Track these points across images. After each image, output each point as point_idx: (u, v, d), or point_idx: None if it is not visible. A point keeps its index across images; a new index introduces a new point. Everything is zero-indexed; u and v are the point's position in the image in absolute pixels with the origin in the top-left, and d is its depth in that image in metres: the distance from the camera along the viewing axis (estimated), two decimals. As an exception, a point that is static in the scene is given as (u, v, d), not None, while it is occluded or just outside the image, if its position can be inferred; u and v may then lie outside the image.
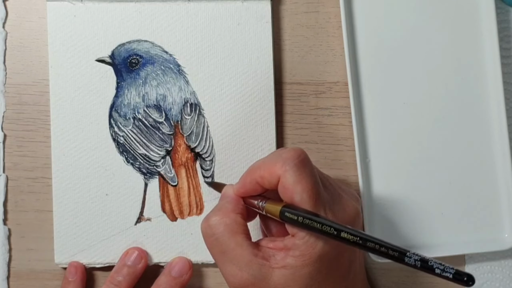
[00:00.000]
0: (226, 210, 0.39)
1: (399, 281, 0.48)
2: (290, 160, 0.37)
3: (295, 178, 0.37)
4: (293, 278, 0.37)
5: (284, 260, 0.37)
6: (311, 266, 0.37)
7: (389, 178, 0.47)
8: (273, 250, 0.38)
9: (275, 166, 0.37)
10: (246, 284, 0.37)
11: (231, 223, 0.38)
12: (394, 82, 0.47)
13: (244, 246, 0.37)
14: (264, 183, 0.38)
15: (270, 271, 0.37)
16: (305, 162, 0.38)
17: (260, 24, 0.47)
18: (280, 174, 0.37)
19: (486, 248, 0.47)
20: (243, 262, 0.37)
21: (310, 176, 0.37)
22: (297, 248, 0.37)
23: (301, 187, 0.37)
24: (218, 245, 0.38)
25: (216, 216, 0.39)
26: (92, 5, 0.46)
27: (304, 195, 0.36)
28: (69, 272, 0.45)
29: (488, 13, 0.47)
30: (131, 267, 0.45)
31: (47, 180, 0.47)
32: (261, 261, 0.37)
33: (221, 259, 0.38)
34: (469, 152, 0.48)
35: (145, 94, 0.46)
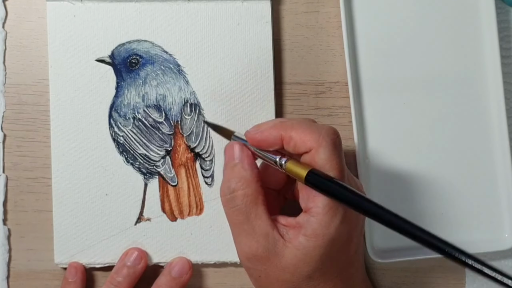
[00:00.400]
0: (247, 179, 0.38)
1: (399, 281, 0.48)
2: (328, 137, 0.36)
3: (328, 155, 0.36)
4: (304, 259, 0.36)
5: (296, 238, 0.36)
6: (323, 248, 0.36)
7: (389, 178, 0.47)
8: (286, 227, 0.38)
9: (311, 135, 0.36)
10: (261, 257, 0.37)
11: (253, 193, 0.37)
12: (394, 82, 0.47)
13: (263, 218, 0.37)
14: (289, 145, 0.37)
15: (283, 248, 0.37)
16: (339, 143, 0.37)
17: (260, 24, 0.47)
18: (315, 146, 0.36)
19: (486, 248, 0.47)
20: (261, 234, 0.37)
21: (341, 158, 0.37)
22: (309, 225, 0.36)
23: (331, 165, 0.36)
24: (239, 215, 0.38)
25: (237, 186, 0.38)
26: (92, 5, 0.46)
27: (331, 174, 0.36)
28: (69, 272, 0.45)
29: (488, 13, 0.47)
30: (131, 267, 0.45)
31: (47, 180, 0.47)
32: (277, 235, 0.37)
33: (239, 230, 0.38)
34: (469, 152, 0.48)
35: (145, 94, 0.46)
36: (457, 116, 0.48)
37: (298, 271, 0.37)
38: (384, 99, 0.47)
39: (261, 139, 0.38)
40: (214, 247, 0.46)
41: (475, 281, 0.48)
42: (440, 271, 0.48)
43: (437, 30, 0.48)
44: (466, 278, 0.48)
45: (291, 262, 0.37)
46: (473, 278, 0.49)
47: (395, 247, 0.47)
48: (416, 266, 0.48)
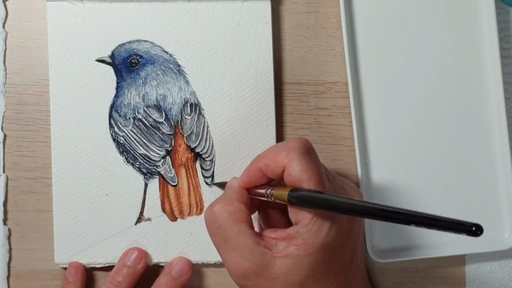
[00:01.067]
0: (230, 198, 0.39)
1: (399, 281, 0.48)
2: (296, 149, 0.37)
3: (301, 166, 0.37)
4: (295, 267, 0.37)
5: (287, 249, 0.37)
6: (313, 255, 0.37)
7: (389, 178, 0.47)
8: (276, 240, 0.38)
9: (280, 154, 0.37)
10: (248, 272, 0.37)
11: (235, 211, 0.38)
12: (394, 82, 0.47)
13: (247, 234, 0.37)
14: (268, 172, 0.38)
15: (272, 260, 0.37)
16: (310, 151, 0.38)
17: (260, 24, 0.47)
18: (286, 163, 0.37)
19: (486, 248, 0.47)
20: (246, 250, 0.37)
21: (316, 165, 0.37)
22: (299, 236, 0.37)
23: (307, 175, 0.36)
24: (221, 233, 0.38)
25: (220, 204, 0.39)
26: (92, 5, 0.46)
27: (311, 183, 0.36)
28: (69, 272, 0.45)
29: (488, 13, 0.47)
30: (131, 267, 0.45)
31: (47, 180, 0.47)
32: (263, 249, 0.37)
33: (224, 247, 0.38)
34: (469, 152, 0.48)
35: (145, 94, 0.46)
36: (457, 116, 0.48)
37: (290, 280, 0.37)
38: (384, 99, 0.47)
39: (249, 181, 0.40)
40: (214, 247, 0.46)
41: (475, 281, 0.49)
42: (440, 271, 0.49)
43: (437, 30, 0.48)
44: (466, 278, 0.49)
45: (282, 272, 0.37)
46: (473, 278, 0.49)
47: (395, 247, 0.47)
48: (416, 266, 0.48)
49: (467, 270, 0.49)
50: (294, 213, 0.38)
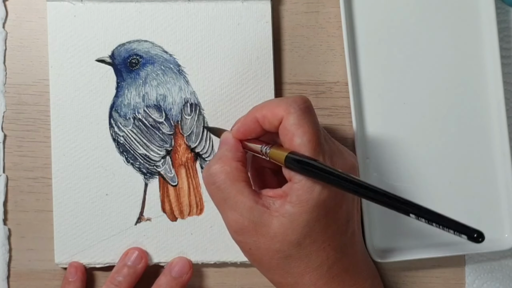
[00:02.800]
0: (226, 158, 0.39)
1: (399, 281, 0.48)
2: (295, 104, 0.38)
3: (297, 121, 0.37)
4: (291, 226, 0.37)
5: (283, 207, 0.37)
6: (308, 213, 0.37)
7: (389, 178, 0.47)
8: (273, 198, 0.38)
9: (279, 107, 0.38)
10: (248, 230, 0.38)
11: (232, 171, 0.38)
12: (394, 82, 0.47)
13: (245, 193, 0.38)
14: (264, 123, 0.39)
15: (270, 219, 0.37)
16: (310, 109, 0.38)
17: (260, 24, 0.47)
18: (284, 115, 0.37)
19: (486, 248, 0.47)
20: (245, 208, 0.37)
21: (312, 122, 0.38)
22: (293, 192, 0.37)
23: (302, 130, 0.37)
24: (220, 193, 0.38)
25: (217, 165, 0.39)
26: (92, 5, 0.46)
27: (304, 138, 0.37)
28: (69, 272, 0.45)
29: (488, 13, 0.47)
30: (131, 267, 0.45)
31: (47, 180, 0.47)
32: (262, 208, 0.37)
33: (223, 206, 0.39)
34: (469, 152, 0.48)
35: (145, 94, 0.46)
36: (457, 116, 0.48)
37: (287, 239, 0.37)
38: (384, 99, 0.47)
39: (243, 130, 0.40)
40: (214, 247, 0.46)
41: (475, 281, 0.49)
42: (440, 271, 0.48)
43: (437, 30, 0.48)
44: (466, 278, 0.49)
45: (279, 231, 0.37)
46: (473, 278, 0.49)
47: (395, 247, 0.47)
48: (416, 266, 0.48)
49: (467, 270, 0.49)
50: (288, 170, 0.38)
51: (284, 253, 0.38)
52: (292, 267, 0.38)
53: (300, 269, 0.39)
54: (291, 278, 0.39)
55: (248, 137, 0.40)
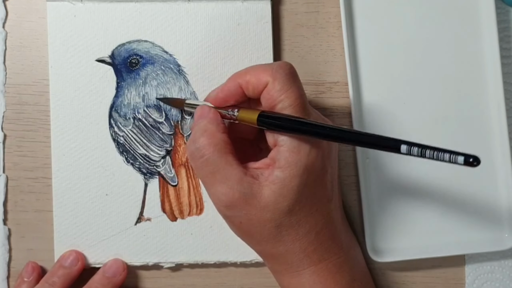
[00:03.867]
0: (212, 130, 0.38)
1: (399, 281, 0.48)
2: (281, 69, 0.38)
3: (282, 86, 0.37)
4: (281, 192, 0.37)
5: (272, 174, 0.37)
6: (298, 177, 0.37)
7: (389, 178, 0.47)
8: (260, 169, 0.38)
9: (264, 72, 0.38)
10: (238, 202, 0.37)
11: (219, 143, 0.38)
12: (394, 82, 0.47)
13: (234, 165, 0.37)
14: (248, 89, 0.38)
15: (260, 189, 0.37)
16: (295, 75, 0.38)
17: (260, 24, 0.47)
18: (270, 80, 0.37)
19: (486, 248, 0.47)
20: (234, 180, 0.37)
21: (297, 87, 0.38)
22: (282, 155, 0.37)
23: (286, 95, 0.37)
24: (208, 166, 0.38)
25: (203, 137, 0.38)
26: (92, 5, 0.46)
27: (286, 103, 0.37)
28: (26, 271, 0.46)
29: (488, 13, 0.47)
30: (67, 268, 0.45)
31: (47, 180, 0.47)
32: (250, 179, 0.37)
33: (211, 180, 0.38)
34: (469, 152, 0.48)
35: (145, 94, 0.46)
36: (457, 116, 0.48)
37: (279, 207, 0.37)
38: (384, 99, 0.47)
39: (223, 96, 0.40)
40: (214, 247, 0.46)
41: (475, 281, 0.49)
42: (440, 271, 0.48)
43: (437, 30, 0.48)
44: (466, 278, 0.49)
45: (270, 199, 0.37)
46: (473, 278, 0.49)
47: (395, 247, 0.47)
48: (416, 266, 0.48)
49: (467, 270, 0.49)
50: (272, 136, 0.38)
51: (276, 222, 0.38)
52: (283, 235, 0.38)
53: (291, 237, 0.39)
54: (282, 246, 0.39)
55: (227, 104, 0.40)
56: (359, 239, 0.47)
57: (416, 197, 0.47)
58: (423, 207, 0.47)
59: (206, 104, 0.41)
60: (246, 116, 0.38)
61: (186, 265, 0.47)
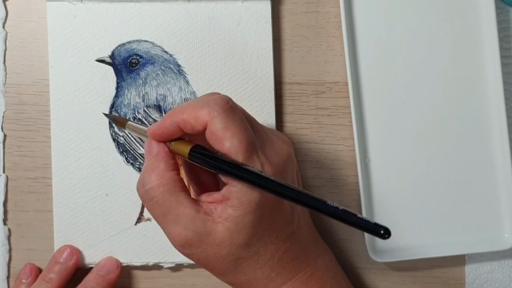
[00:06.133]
0: (160, 170, 0.37)
1: (399, 281, 0.48)
2: (218, 106, 0.36)
3: (224, 124, 0.36)
4: (237, 229, 0.36)
5: (225, 211, 0.36)
6: (252, 214, 0.36)
7: (389, 178, 0.47)
8: (213, 204, 0.37)
9: (201, 111, 0.36)
10: (193, 241, 0.37)
11: (169, 183, 0.37)
12: (394, 82, 0.47)
13: (185, 204, 0.36)
14: (186, 127, 0.37)
15: (214, 226, 0.36)
16: (233, 108, 0.37)
17: (260, 24, 0.47)
18: (208, 120, 0.36)
19: (486, 248, 0.47)
20: (187, 220, 0.36)
21: (239, 122, 0.36)
22: (234, 196, 0.36)
23: (230, 133, 0.35)
24: (159, 208, 0.37)
25: (151, 178, 0.37)
26: (92, 5, 0.46)
27: (234, 141, 0.35)
28: (24, 273, 0.46)
29: (488, 13, 0.47)
30: (63, 264, 0.45)
31: (47, 180, 0.47)
32: (204, 216, 0.36)
33: (164, 221, 0.37)
34: (469, 152, 0.48)
35: (145, 94, 0.46)
36: (457, 116, 0.48)
37: (234, 242, 0.37)
38: (384, 99, 0.47)
39: (160, 132, 0.38)
40: None
41: (475, 281, 0.49)
42: (440, 271, 0.48)
43: (437, 30, 0.48)
44: (466, 278, 0.49)
45: (225, 236, 0.36)
46: (473, 278, 0.49)
47: (395, 247, 0.47)
48: (416, 266, 0.48)
49: (467, 270, 0.49)
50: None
51: (234, 256, 0.37)
52: (244, 267, 0.38)
53: (251, 267, 0.38)
54: (244, 276, 0.39)
55: (166, 140, 0.38)
56: (359, 239, 0.47)
57: (416, 197, 0.47)
58: (423, 207, 0.47)
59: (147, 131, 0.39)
60: (179, 149, 0.37)
61: (186, 265, 0.47)
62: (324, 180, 0.48)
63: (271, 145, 0.38)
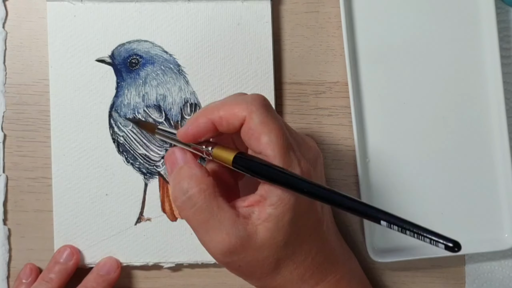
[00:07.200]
0: (197, 176, 0.36)
1: (399, 281, 0.48)
2: (256, 102, 0.36)
3: (262, 119, 0.36)
4: (277, 228, 0.36)
5: (264, 212, 0.36)
6: (291, 211, 0.36)
7: (389, 178, 0.47)
8: (250, 207, 0.37)
9: (239, 107, 0.36)
10: (235, 247, 0.36)
11: (208, 188, 0.36)
12: (394, 82, 0.47)
13: (226, 209, 0.36)
14: (222, 125, 0.37)
15: (254, 229, 0.36)
16: (270, 105, 0.37)
17: (260, 24, 0.47)
18: (246, 115, 0.36)
19: (486, 248, 0.47)
20: (229, 225, 0.36)
21: (276, 119, 0.37)
22: (273, 193, 0.36)
23: (268, 128, 0.36)
24: (201, 214, 0.36)
25: (191, 185, 0.36)
26: (92, 5, 0.46)
27: (272, 136, 0.35)
28: (24, 273, 0.46)
29: (488, 13, 0.47)
30: (62, 264, 0.45)
31: (47, 180, 0.47)
32: (243, 220, 0.36)
33: (206, 228, 0.36)
34: (469, 152, 0.48)
35: (145, 94, 0.46)
36: (457, 116, 0.48)
37: (275, 242, 0.36)
38: (384, 99, 0.47)
39: (193, 132, 0.37)
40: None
41: (475, 281, 0.49)
42: (440, 271, 0.48)
43: (437, 30, 0.48)
44: (466, 278, 0.49)
45: (266, 237, 0.36)
46: (473, 278, 0.49)
47: (395, 247, 0.47)
48: (416, 266, 0.48)
49: (467, 270, 0.49)
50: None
51: (274, 257, 0.37)
52: (281, 268, 0.38)
53: (288, 267, 0.38)
54: (281, 278, 0.39)
55: (198, 141, 0.38)
56: (359, 239, 0.47)
57: (416, 197, 0.47)
58: (423, 207, 0.47)
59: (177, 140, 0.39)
60: (221, 155, 0.37)
61: (186, 265, 0.47)
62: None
63: (303, 143, 0.39)
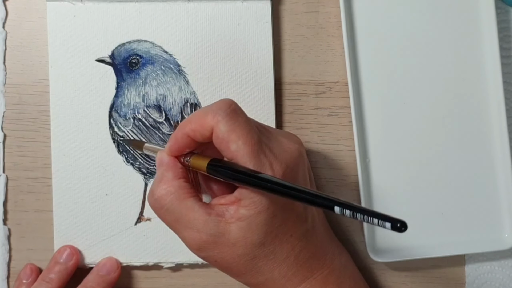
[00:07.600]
0: (167, 179, 0.38)
1: (399, 281, 0.48)
2: (221, 110, 0.37)
3: (228, 127, 0.36)
4: (250, 228, 0.37)
5: (238, 212, 0.37)
6: (264, 212, 0.37)
7: (389, 178, 0.47)
8: (225, 205, 0.38)
9: (206, 117, 0.37)
10: (207, 243, 0.37)
11: (176, 190, 0.38)
12: (394, 82, 0.47)
13: (196, 208, 0.37)
14: (196, 136, 0.38)
15: (227, 227, 0.37)
16: (237, 110, 0.37)
17: (260, 24, 0.47)
18: (213, 125, 0.37)
19: (486, 248, 0.47)
20: (199, 223, 0.37)
21: (243, 123, 0.37)
22: (246, 196, 0.37)
23: (235, 135, 0.36)
24: (170, 215, 0.38)
25: (159, 188, 0.38)
26: (92, 5, 0.46)
27: (239, 143, 0.36)
28: (24, 273, 0.46)
29: (488, 13, 0.47)
30: (62, 264, 0.45)
31: (47, 180, 0.47)
32: (216, 218, 0.37)
33: (177, 227, 0.38)
34: (469, 152, 0.48)
35: (145, 94, 0.46)
36: (457, 116, 0.48)
37: (249, 241, 0.37)
38: (384, 99, 0.47)
39: (176, 147, 0.39)
40: None
41: (475, 281, 0.49)
42: (440, 271, 0.49)
43: (437, 30, 0.48)
44: (466, 278, 0.49)
45: (239, 235, 0.37)
46: (473, 278, 0.49)
47: (395, 247, 0.47)
48: (416, 266, 0.48)
49: (467, 270, 0.49)
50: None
51: (249, 255, 0.38)
52: (260, 266, 0.38)
53: (268, 266, 0.39)
54: (261, 276, 0.39)
55: (183, 153, 0.39)
56: (359, 239, 0.47)
57: (416, 197, 0.47)
58: (422, 207, 0.47)
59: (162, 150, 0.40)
60: (197, 164, 0.38)
61: (186, 265, 0.47)
62: (324, 180, 0.48)
63: (279, 144, 0.39)
